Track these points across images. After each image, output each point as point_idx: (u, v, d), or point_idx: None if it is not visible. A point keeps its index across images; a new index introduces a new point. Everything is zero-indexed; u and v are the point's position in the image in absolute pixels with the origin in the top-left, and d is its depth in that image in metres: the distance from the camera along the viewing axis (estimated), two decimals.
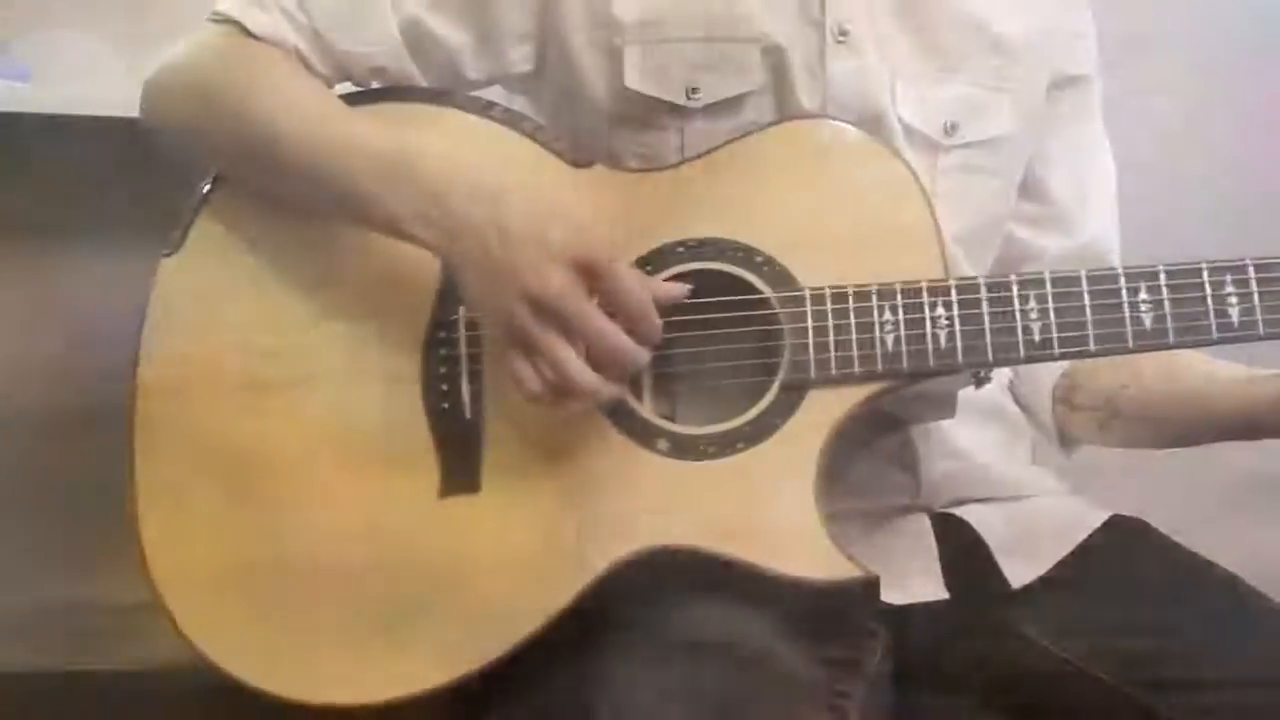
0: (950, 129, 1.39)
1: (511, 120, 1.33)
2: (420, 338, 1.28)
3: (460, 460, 1.26)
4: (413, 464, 1.26)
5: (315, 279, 1.31)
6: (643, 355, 1.20)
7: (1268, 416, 1.27)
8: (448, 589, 1.25)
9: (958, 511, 1.40)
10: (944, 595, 1.34)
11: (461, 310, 1.28)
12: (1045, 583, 1.36)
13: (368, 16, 1.35)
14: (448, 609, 1.24)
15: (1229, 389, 1.32)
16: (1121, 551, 1.38)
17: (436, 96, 1.36)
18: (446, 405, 1.27)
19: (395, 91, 1.37)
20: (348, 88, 1.38)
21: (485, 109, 1.34)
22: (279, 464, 1.28)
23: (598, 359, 1.19)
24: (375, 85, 1.38)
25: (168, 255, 1.33)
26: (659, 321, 1.21)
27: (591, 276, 1.19)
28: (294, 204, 1.32)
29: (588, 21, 1.36)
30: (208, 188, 1.35)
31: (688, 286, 1.24)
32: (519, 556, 1.24)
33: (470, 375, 1.27)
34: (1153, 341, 1.21)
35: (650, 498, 1.23)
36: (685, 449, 1.23)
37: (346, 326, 1.30)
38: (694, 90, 1.35)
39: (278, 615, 1.26)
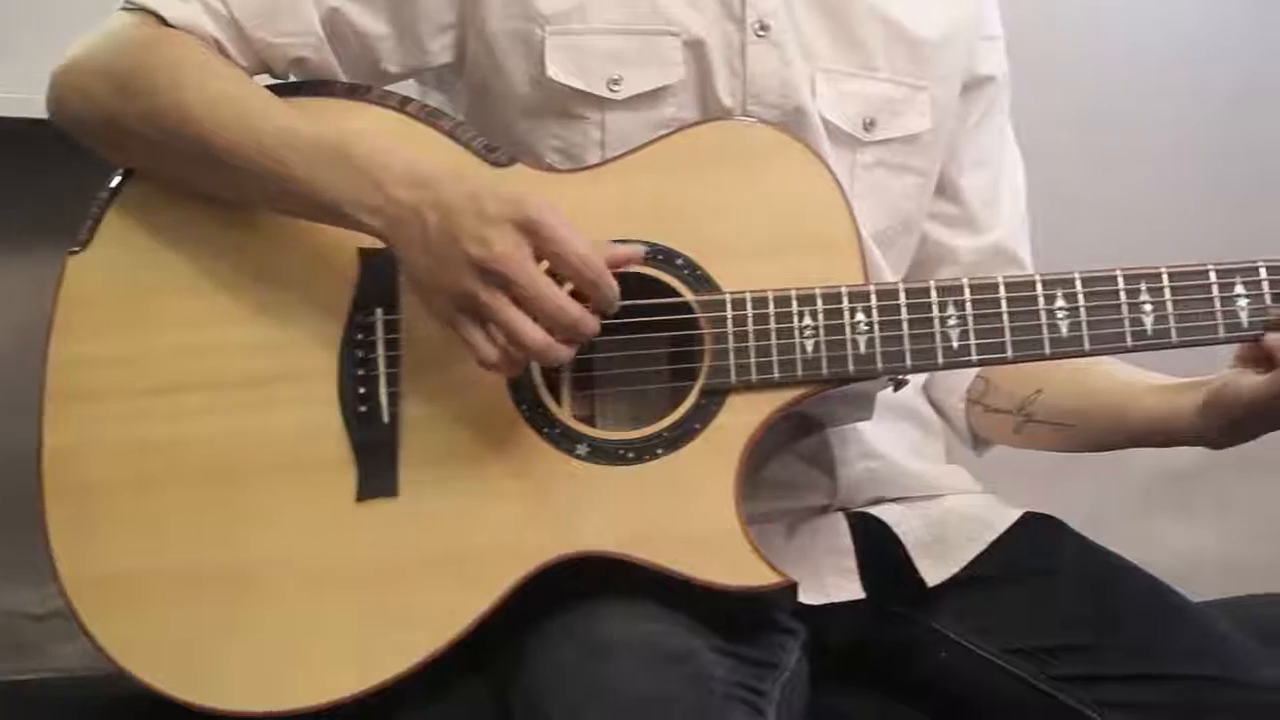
0: (869, 125, 1.40)
1: (429, 117, 1.32)
2: (337, 339, 1.27)
3: (378, 463, 1.25)
4: (329, 467, 1.25)
5: (229, 278, 1.29)
6: (590, 320, 1.18)
7: (1180, 425, 1.29)
8: (365, 593, 1.24)
9: (874, 511, 1.41)
10: (861, 595, 1.36)
11: (378, 312, 1.27)
12: (960, 581, 1.38)
13: (288, 7, 1.33)
14: (365, 614, 1.24)
15: (1141, 396, 1.34)
16: (1034, 549, 1.40)
17: (352, 92, 1.34)
18: (364, 408, 1.26)
19: (310, 86, 1.35)
20: (264, 79, 1.36)
21: (402, 104, 1.32)
22: (192, 466, 1.26)
23: (545, 322, 1.17)
24: (294, 77, 1.36)
25: (75, 253, 1.30)
26: (613, 284, 1.19)
27: (535, 238, 1.17)
28: (220, 195, 1.29)
29: (509, 11, 1.34)
30: (117, 181, 1.32)
31: (643, 247, 1.22)
32: (437, 561, 1.23)
33: (389, 378, 1.26)
34: (1069, 349, 1.22)
35: (570, 503, 1.23)
36: (605, 454, 1.23)
37: (261, 327, 1.28)
38: (615, 82, 1.34)
39: (190, 621, 1.24)
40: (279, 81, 1.36)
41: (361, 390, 1.26)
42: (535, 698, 1.19)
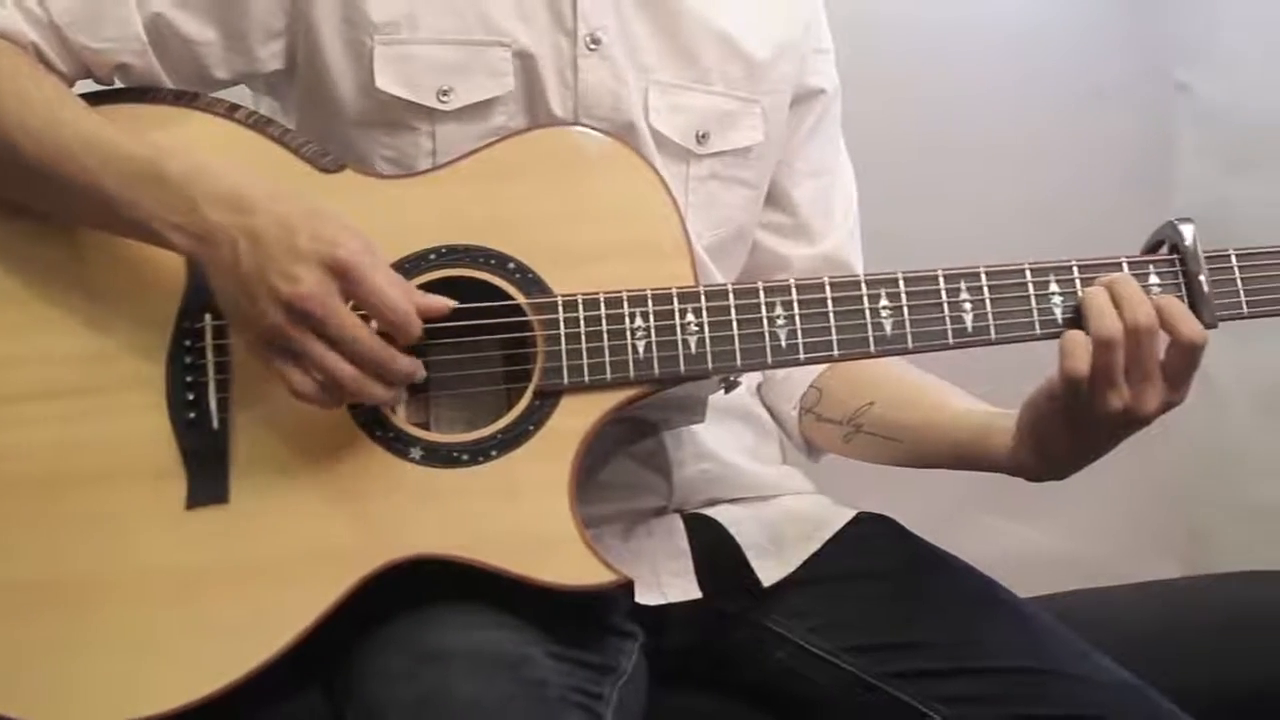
0: (702, 138, 1.42)
1: (258, 124, 1.31)
2: (165, 347, 1.25)
3: (207, 471, 1.24)
4: (158, 475, 1.23)
5: (54, 288, 1.27)
6: (404, 361, 1.19)
7: (997, 450, 1.32)
8: (196, 602, 1.22)
9: (710, 512, 1.43)
10: (697, 595, 1.37)
11: (208, 318, 1.25)
12: (796, 581, 1.39)
13: (109, 12, 1.31)
14: (196, 623, 1.22)
15: (962, 421, 1.37)
16: (868, 548, 1.42)
17: (179, 98, 1.32)
18: (193, 415, 1.24)
19: (136, 92, 1.33)
20: (90, 86, 1.34)
21: (230, 111, 1.31)
22: (15, 478, 1.24)
23: (355, 362, 1.18)
24: (118, 83, 1.35)
25: None
26: (419, 324, 1.20)
27: (343, 280, 1.18)
28: (36, 206, 1.27)
29: (339, 19, 1.34)
30: None
31: (453, 302, 1.22)
32: (270, 568, 1.22)
33: (217, 385, 1.25)
34: (893, 347, 1.25)
35: (404, 506, 1.22)
36: (438, 457, 1.23)
37: (87, 336, 1.26)
38: (445, 93, 1.35)
39: (16, 635, 1.21)
40: (103, 88, 1.34)
41: (190, 397, 1.24)
42: (369, 705, 1.18)
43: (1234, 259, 1.26)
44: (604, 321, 1.24)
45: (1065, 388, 1.22)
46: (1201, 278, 1.24)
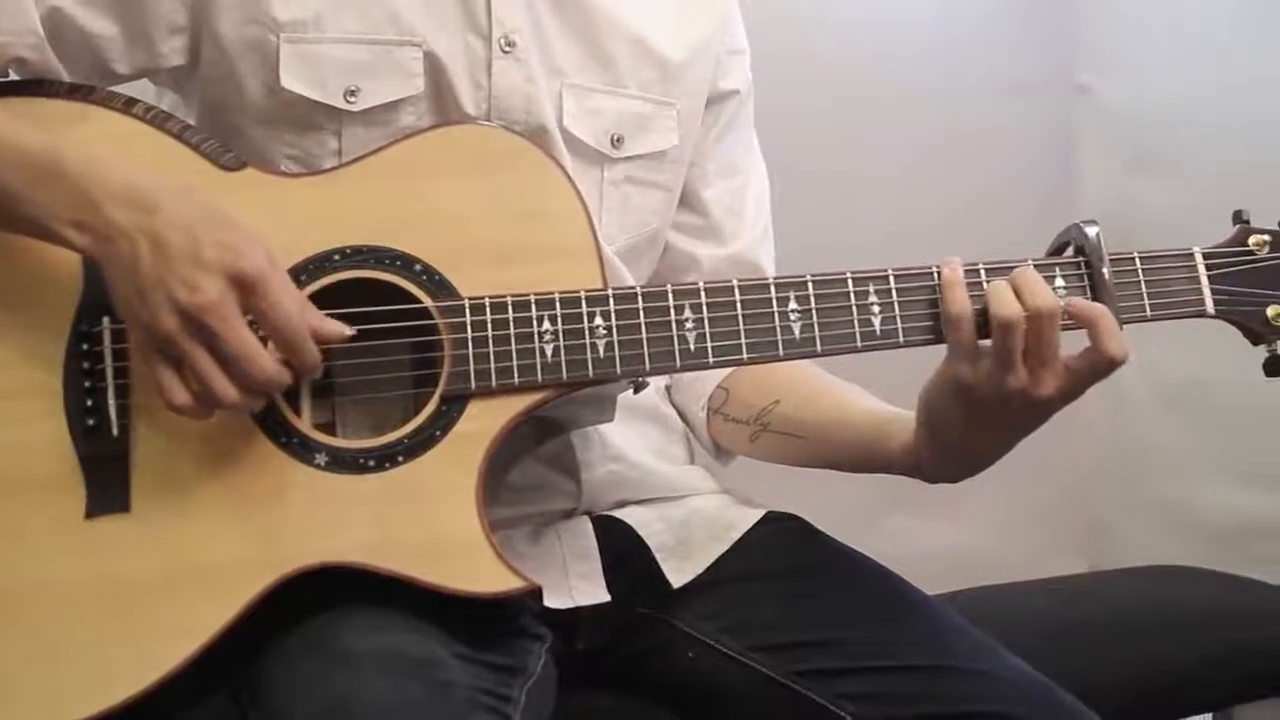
0: (617, 142, 1.41)
1: (156, 120, 1.28)
2: (61, 352, 1.23)
3: (107, 478, 1.21)
4: (56, 484, 1.21)
5: None
6: (283, 377, 1.18)
7: (892, 453, 1.33)
8: (98, 613, 1.20)
9: (619, 514, 1.42)
10: (605, 598, 1.37)
11: (106, 321, 1.23)
12: (705, 581, 1.40)
13: (4, 5, 1.28)
14: (99, 634, 1.20)
15: (865, 419, 1.38)
16: (776, 547, 1.43)
17: (74, 92, 1.29)
18: (92, 422, 1.22)
19: (31, 85, 1.30)
20: None
21: (127, 106, 1.28)
22: None
23: (239, 380, 1.16)
24: (13, 77, 1.31)
25: None
26: (313, 346, 1.18)
27: (245, 292, 1.16)
28: None
29: (243, 16, 1.31)
30: None
31: (352, 330, 1.21)
32: (174, 576, 1.20)
33: (117, 390, 1.22)
34: (802, 350, 1.25)
35: (309, 513, 1.21)
36: (344, 463, 1.21)
37: None
38: (352, 93, 1.33)
39: None
40: None
41: (88, 403, 1.22)
42: (277, 709, 1.16)
43: (1138, 263, 1.27)
44: (512, 325, 1.23)
45: (950, 337, 1.23)
46: (1105, 273, 1.26)
